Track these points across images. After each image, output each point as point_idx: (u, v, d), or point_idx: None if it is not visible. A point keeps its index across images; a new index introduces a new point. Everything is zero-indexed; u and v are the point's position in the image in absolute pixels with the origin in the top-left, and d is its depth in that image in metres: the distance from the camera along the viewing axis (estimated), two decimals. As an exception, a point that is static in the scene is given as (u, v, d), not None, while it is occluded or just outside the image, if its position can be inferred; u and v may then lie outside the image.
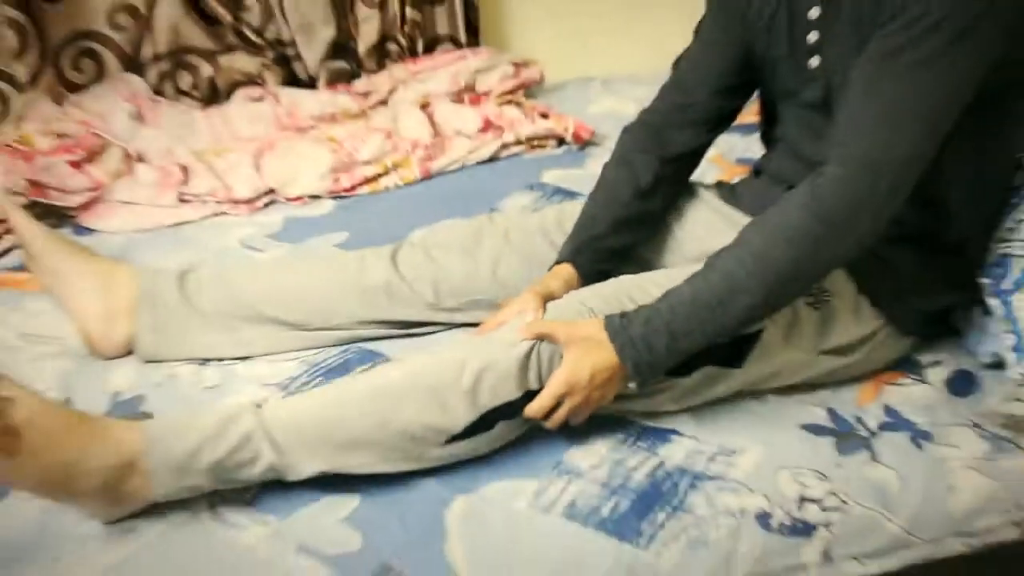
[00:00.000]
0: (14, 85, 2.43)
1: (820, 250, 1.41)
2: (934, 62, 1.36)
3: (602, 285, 1.58)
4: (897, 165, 1.40)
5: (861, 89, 1.42)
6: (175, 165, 2.21)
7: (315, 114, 2.40)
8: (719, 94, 1.74)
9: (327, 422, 1.40)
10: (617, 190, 1.74)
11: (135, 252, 2.03)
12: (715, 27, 1.73)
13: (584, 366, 1.42)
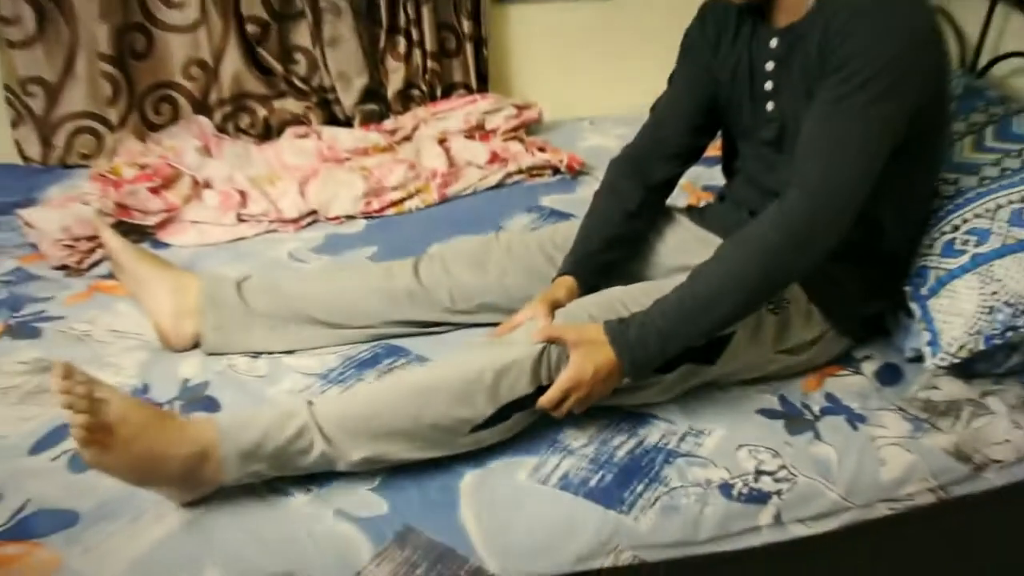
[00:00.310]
0: (107, 126, 2.44)
1: (787, 262, 1.43)
2: (871, 106, 1.39)
3: (599, 295, 1.57)
4: (846, 187, 1.41)
5: (815, 127, 1.44)
6: (235, 190, 2.20)
7: (350, 148, 2.39)
8: (690, 132, 1.74)
9: (368, 416, 1.39)
10: (609, 213, 1.73)
11: (201, 262, 2.02)
12: (686, 77, 1.73)
13: (588, 364, 1.42)
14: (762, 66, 1.58)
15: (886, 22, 1.38)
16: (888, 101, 1.39)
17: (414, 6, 2.50)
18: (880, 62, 1.37)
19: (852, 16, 1.40)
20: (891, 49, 1.38)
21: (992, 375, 1.65)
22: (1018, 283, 1.54)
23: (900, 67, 1.39)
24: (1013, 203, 1.63)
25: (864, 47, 1.38)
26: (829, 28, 1.43)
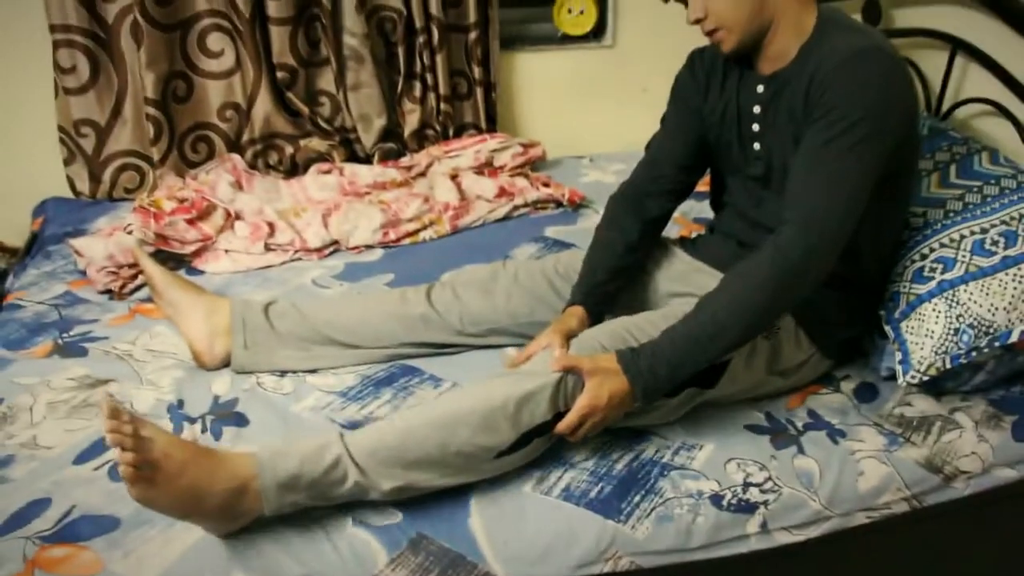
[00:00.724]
0: (150, 163, 2.44)
1: (785, 292, 1.42)
2: (856, 149, 1.40)
3: (608, 325, 1.54)
4: (836, 221, 1.41)
5: (806, 168, 1.44)
6: (264, 222, 2.19)
7: (370, 183, 2.38)
8: (682, 171, 1.73)
9: (399, 447, 1.34)
10: (612, 246, 1.70)
11: (233, 288, 2.00)
12: (677, 119, 1.72)
13: (603, 391, 1.39)
14: (750, 109, 1.58)
15: (865, 72, 1.40)
16: (870, 143, 1.40)
17: (429, 54, 2.49)
18: (862, 108, 1.39)
19: (834, 68, 1.41)
20: (871, 96, 1.40)
21: (960, 392, 1.64)
22: (981, 307, 1.54)
23: (879, 112, 1.40)
24: (975, 234, 1.63)
25: (846, 95, 1.40)
26: (814, 78, 1.44)
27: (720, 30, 1.48)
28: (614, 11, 2.72)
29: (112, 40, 2.30)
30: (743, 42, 1.49)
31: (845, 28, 1.48)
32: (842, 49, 1.42)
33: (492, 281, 1.75)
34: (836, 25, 1.48)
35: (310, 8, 2.40)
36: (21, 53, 2.32)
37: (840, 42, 1.44)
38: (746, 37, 1.49)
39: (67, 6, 2.20)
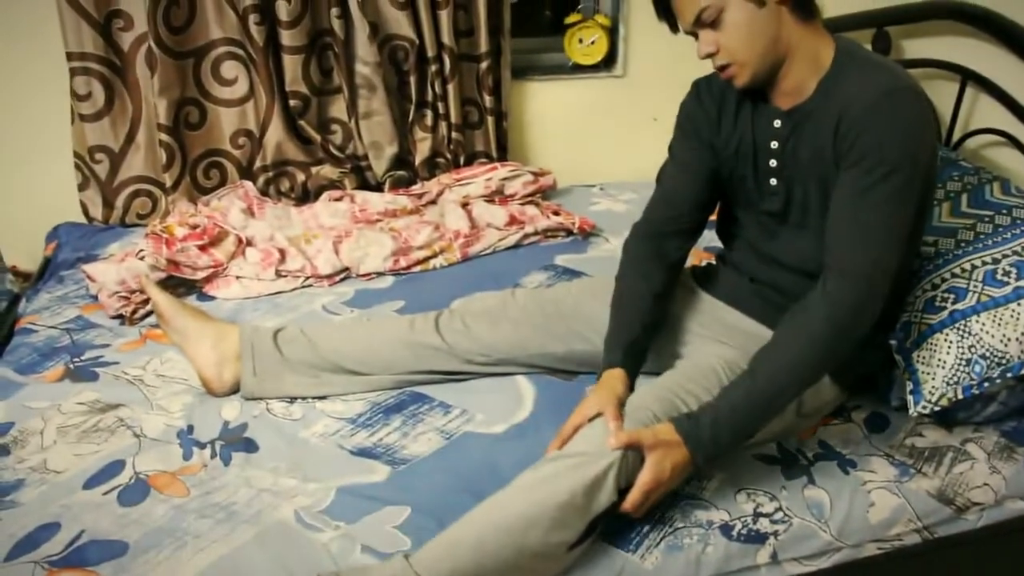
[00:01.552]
0: (162, 189, 2.46)
1: (839, 346, 1.41)
2: (894, 197, 1.38)
3: (653, 389, 1.48)
4: (882, 272, 1.40)
5: (845, 218, 1.42)
6: (275, 248, 2.20)
7: (381, 210, 2.39)
8: (699, 207, 1.67)
9: (475, 565, 1.27)
10: (642, 299, 1.63)
11: (243, 314, 2.01)
12: (688, 153, 1.66)
13: (667, 465, 1.36)
14: (767, 144, 1.54)
15: (901, 116, 1.37)
16: (909, 188, 1.39)
17: (441, 83, 2.51)
18: (898, 155, 1.36)
19: (867, 110, 1.37)
20: (906, 143, 1.37)
21: (971, 423, 1.64)
22: (993, 338, 1.53)
23: (915, 157, 1.38)
24: (987, 264, 1.62)
25: (884, 141, 1.36)
26: (843, 118, 1.40)
27: (732, 65, 1.44)
28: (625, 41, 2.74)
29: (127, 67, 2.34)
30: (757, 77, 1.45)
31: (866, 62, 1.44)
32: (871, 89, 1.38)
33: (501, 310, 1.75)
34: (855, 59, 1.44)
35: (323, 37, 2.43)
36: (38, 80, 2.36)
37: (867, 80, 1.40)
38: (760, 72, 1.45)
39: (84, 34, 2.24)
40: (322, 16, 2.39)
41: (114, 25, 2.28)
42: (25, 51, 2.33)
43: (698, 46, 1.44)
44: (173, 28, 2.29)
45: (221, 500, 1.43)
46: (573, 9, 2.74)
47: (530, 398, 1.69)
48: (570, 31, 2.72)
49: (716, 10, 1.38)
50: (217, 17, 2.34)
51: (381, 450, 1.56)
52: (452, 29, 2.45)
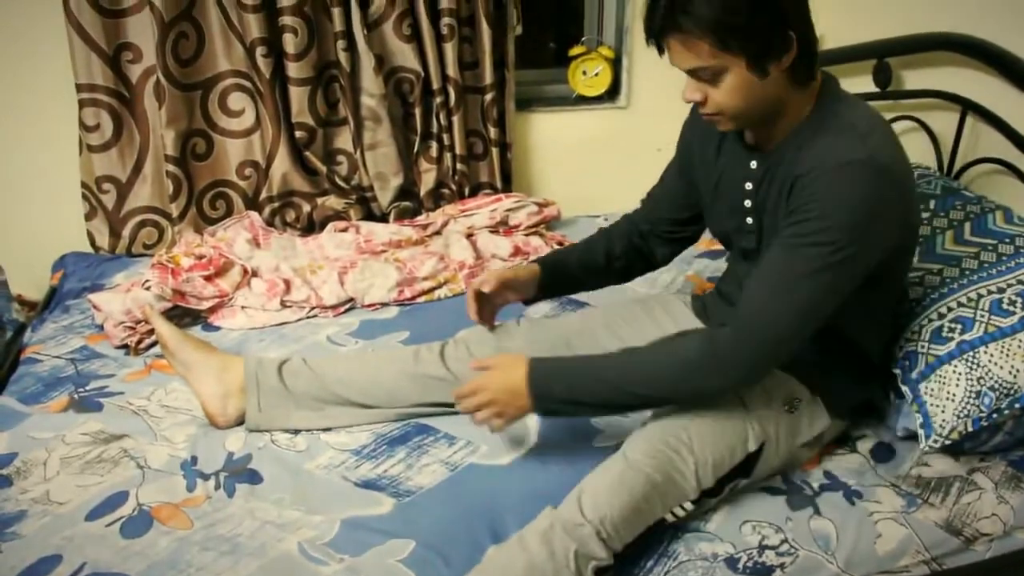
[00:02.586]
0: (169, 220, 2.47)
1: (698, 382, 1.42)
2: (820, 273, 1.35)
3: (643, 444, 1.46)
4: (778, 333, 1.38)
5: (765, 270, 1.41)
6: (280, 279, 2.21)
7: (386, 241, 2.40)
8: (676, 224, 1.77)
9: None
10: (593, 238, 1.82)
11: (248, 344, 2.01)
12: (673, 175, 1.76)
13: (494, 377, 1.48)
14: (742, 183, 1.53)
15: (849, 189, 1.33)
16: (841, 264, 1.34)
17: (446, 115, 2.53)
18: (836, 231, 1.32)
19: (816, 179, 1.35)
20: (848, 219, 1.32)
21: (978, 453, 1.62)
22: (1001, 369, 1.52)
23: (855, 238, 1.33)
24: (992, 293, 1.62)
25: (824, 211, 1.33)
26: (798, 178, 1.38)
27: (718, 115, 1.41)
28: (628, 73, 2.76)
29: (135, 99, 2.35)
30: (739, 127, 1.45)
31: (838, 126, 1.39)
32: (828, 157, 1.35)
33: (506, 340, 1.75)
34: (832, 116, 1.40)
35: (329, 69, 2.45)
36: (47, 110, 2.37)
37: (828, 146, 1.36)
38: (744, 125, 1.45)
39: (93, 66, 2.26)
40: (328, 49, 2.41)
41: (123, 57, 2.30)
42: (34, 82, 2.35)
43: (685, 89, 1.40)
44: (181, 60, 2.31)
45: (225, 532, 1.42)
46: (577, 41, 2.76)
47: (535, 429, 1.68)
48: (574, 63, 2.74)
49: (713, 72, 1.34)
50: (225, 50, 2.36)
51: (386, 482, 1.55)
52: (457, 61, 2.46)
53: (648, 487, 1.38)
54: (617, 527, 1.34)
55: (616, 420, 1.69)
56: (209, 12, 2.32)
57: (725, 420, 1.48)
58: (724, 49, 1.30)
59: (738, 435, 1.47)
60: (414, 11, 2.40)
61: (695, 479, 1.42)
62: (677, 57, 1.35)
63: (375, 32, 2.40)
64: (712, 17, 1.28)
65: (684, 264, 2.27)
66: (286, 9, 2.29)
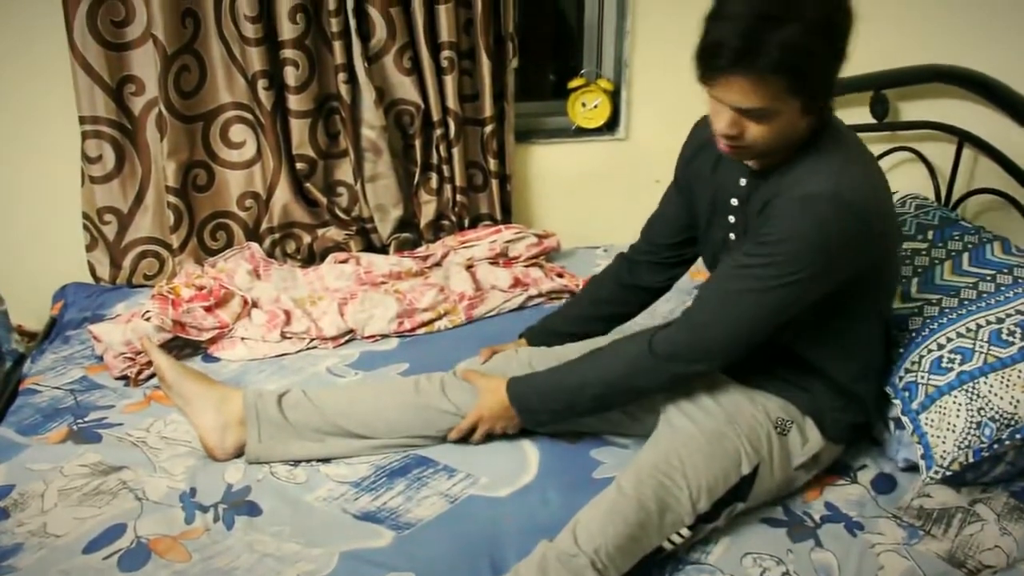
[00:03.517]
0: (169, 250, 2.48)
1: (641, 378, 1.54)
2: (765, 293, 1.41)
3: (638, 473, 1.47)
4: (714, 343, 1.48)
5: (716, 279, 1.50)
6: (280, 310, 2.20)
7: (386, 272, 2.40)
8: (675, 246, 1.80)
9: None
10: (580, 296, 1.96)
11: (248, 376, 2.01)
12: (671, 196, 1.79)
13: (485, 404, 1.64)
14: (729, 199, 1.57)
15: (808, 221, 1.36)
16: (788, 289, 1.39)
17: (446, 147, 2.54)
18: (786, 258, 1.38)
19: (785, 202, 1.39)
20: (799, 249, 1.37)
21: (980, 483, 1.61)
22: (1002, 400, 1.52)
23: (803, 267, 1.38)
24: (991, 323, 1.62)
25: (780, 237, 1.38)
26: (770, 201, 1.42)
27: (746, 148, 1.40)
28: (627, 105, 2.77)
29: (137, 131, 2.37)
30: (762, 160, 1.45)
31: (821, 156, 1.41)
32: (798, 186, 1.38)
33: (505, 369, 1.74)
34: (818, 147, 1.42)
35: (330, 102, 2.47)
36: (49, 142, 2.39)
37: (803, 176, 1.39)
38: (767, 157, 1.44)
39: (96, 98, 2.28)
40: (329, 81, 2.43)
41: (126, 90, 2.32)
42: (36, 113, 2.37)
43: (719, 119, 1.38)
44: (183, 93, 2.32)
45: (223, 565, 1.41)
46: (576, 74, 2.78)
47: (535, 461, 1.67)
48: (573, 95, 2.76)
49: (766, 112, 1.33)
50: (227, 82, 2.38)
51: (385, 514, 1.54)
52: (457, 94, 2.48)
53: (642, 514, 1.38)
54: (612, 557, 1.33)
55: (616, 451, 1.69)
56: (211, 45, 2.34)
57: (716, 443, 1.48)
58: (793, 93, 1.30)
59: (730, 458, 1.48)
60: (414, 44, 2.42)
61: (690, 504, 1.42)
62: (736, 95, 1.32)
63: (376, 65, 2.42)
64: (792, 62, 1.26)
65: (684, 294, 2.27)
66: (287, 42, 2.32)
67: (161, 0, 2.18)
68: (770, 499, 1.56)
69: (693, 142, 1.69)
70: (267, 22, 2.30)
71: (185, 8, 2.26)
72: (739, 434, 1.51)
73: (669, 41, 2.68)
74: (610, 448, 1.71)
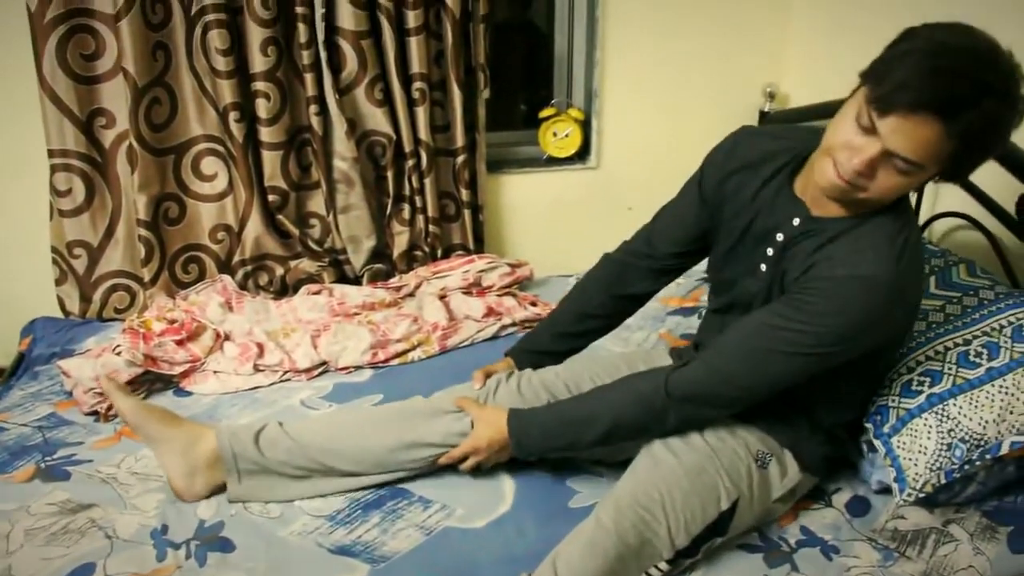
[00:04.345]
0: (141, 284, 2.46)
1: (654, 419, 1.50)
2: (795, 356, 1.40)
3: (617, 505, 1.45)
4: (725, 392, 1.47)
5: (747, 329, 1.46)
6: (253, 343, 2.19)
7: (359, 304, 2.39)
8: (676, 255, 1.73)
9: None
10: (565, 309, 1.87)
11: (221, 409, 1.98)
12: (689, 203, 1.67)
13: (483, 436, 1.60)
14: (774, 233, 1.50)
15: (859, 302, 1.34)
16: (818, 358, 1.39)
17: (418, 178, 2.54)
18: (826, 332, 1.36)
19: (843, 272, 1.36)
20: (843, 328, 1.36)
21: (953, 504, 1.62)
22: (971, 420, 1.53)
23: (839, 342, 1.37)
24: (959, 345, 1.63)
25: (826, 310, 1.36)
26: (820, 263, 1.39)
27: (861, 191, 1.33)
28: (598, 134, 2.80)
29: (108, 164, 2.35)
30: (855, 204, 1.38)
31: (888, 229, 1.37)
32: (853, 262, 1.35)
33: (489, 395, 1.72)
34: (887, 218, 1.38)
35: (301, 134, 2.46)
36: (16, 175, 2.37)
37: (861, 250, 1.36)
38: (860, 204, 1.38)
39: (66, 131, 2.26)
40: (301, 113, 2.43)
41: (96, 123, 2.31)
42: (4, 146, 2.35)
43: (858, 154, 1.29)
44: (154, 125, 2.31)
45: (195, 603, 1.39)
46: (547, 103, 2.80)
47: (510, 491, 1.66)
48: (544, 124, 2.77)
49: (911, 168, 1.27)
50: (198, 115, 2.37)
51: (360, 548, 1.52)
52: (429, 125, 2.49)
53: (622, 548, 1.37)
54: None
55: (593, 480, 1.68)
56: (183, 78, 2.33)
57: (696, 478, 1.47)
58: (951, 161, 1.27)
59: (710, 493, 1.47)
60: (385, 76, 2.43)
61: (668, 539, 1.41)
62: (902, 138, 1.24)
63: (347, 97, 2.43)
64: (982, 132, 1.23)
65: (657, 322, 2.27)
66: (259, 75, 2.32)
67: (132, 33, 2.18)
68: (748, 530, 1.56)
69: (735, 160, 1.57)
70: (238, 55, 2.30)
71: (156, 41, 2.26)
72: (719, 469, 1.49)
73: (639, 71, 2.74)
74: (586, 476, 1.70)
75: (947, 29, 1.25)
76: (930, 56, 1.21)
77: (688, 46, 2.75)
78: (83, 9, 2.20)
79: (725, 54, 2.79)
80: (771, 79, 2.79)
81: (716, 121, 2.78)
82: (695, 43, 2.75)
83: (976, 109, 1.19)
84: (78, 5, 2.19)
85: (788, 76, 2.83)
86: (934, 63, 1.19)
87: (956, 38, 1.23)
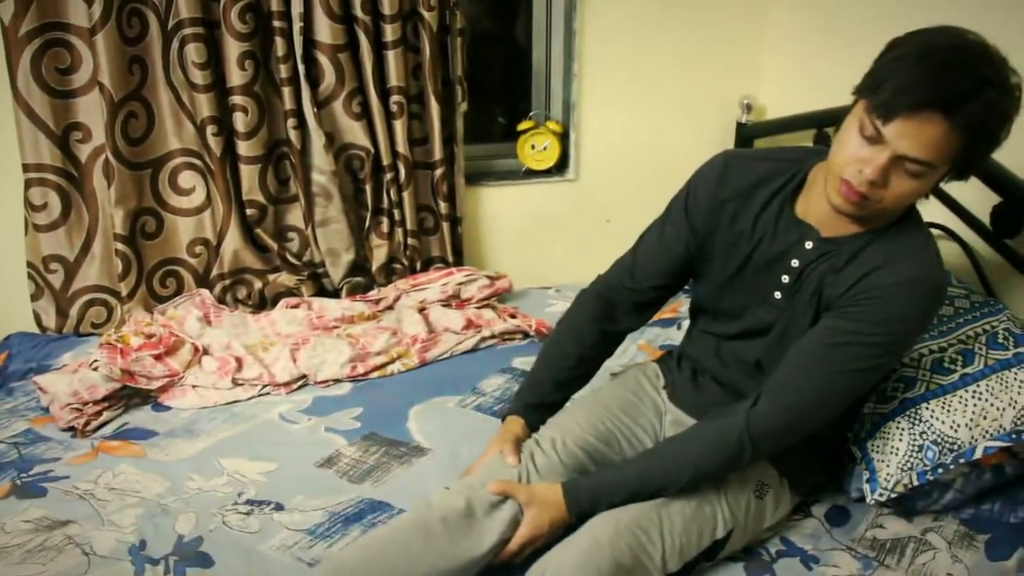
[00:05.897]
0: (118, 298, 2.44)
1: (740, 462, 1.45)
2: (865, 370, 1.41)
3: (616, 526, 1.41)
4: (813, 419, 1.44)
5: (807, 356, 1.43)
6: (232, 357, 2.18)
7: (338, 317, 2.39)
8: (660, 287, 1.66)
9: None
10: (565, 359, 1.70)
11: (199, 423, 1.97)
12: (676, 231, 1.60)
13: (544, 521, 1.44)
14: (787, 260, 1.48)
15: (918, 305, 1.37)
16: (882, 363, 1.42)
17: (396, 190, 2.55)
18: (889, 340, 1.38)
19: (890, 286, 1.36)
20: (903, 334, 1.39)
21: (931, 512, 1.64)
22: (943, 424, 1.55)
23: (897, 349, 1.43)
24: (934, 352, 1.66)
25: (889, 318, 1.36)
26: (866, 278, 1.38)
27: (872, 201, 1.32)
28: (576, 147, 2.81)
29: (84, 178, 2.34)
30: (868, 219, 1.39)
31: (918, 236, 1.41)
32: (906, 268, 1.36)
33: (534, 466, 1.56)
34: (913, 225, 1.41)
35: (280, 147, 2.46)
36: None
37: (906, 256, 1.37)
38: (872, 218, 1.39)
39: (41, 146, 2.25)
40: (279, 127, 2.43)
41: (72, 137, 2.30)
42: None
43: (869, 163, 1.28)
44: (131, 140, 2.31)
45: (173, 619, 1.38)
46: (525, 116, 2.81)
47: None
48: (523, 137, 2.79)
49: (922, 169, 1.27)
50: (175, 128, 2.37)
51: None
52: (407, 138, 2.50)
53: (615, 567, 1.35)
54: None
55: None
56: (159, 92, 2.33)
57: (697, 505, 1.47)
58: (960, 156, 1.27)
59: (708, 521, 1.47)
60: (363, 89, 2.43)
61: (661, 563, 1.40)
62: (910, 141, 1.25)
63: (325, 110, 2.43)
64: (988, 122, 1.24)
65: (636, 333, 2.28)
66: (236, 88, 2.32)
67: (108, 47, 2.17)
68: (738, 551, 1.56)
69: (728, 188, 1.53)
70: (215, 68, 2.30)
71: (132, 55, 2.25)
72: (722, 498, 1.49)
73: (616, 84, 2.76)
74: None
75: (932, 31, 1.28)
76: (923, 57, 1.22)
77: (665, 59, 2.77)
78: (58, 23, 2.20)
79: (702, 67, 2.81)
80: (748, 91, 2.82)
81: (694, 133, 2.83)
82: (672, 56, 2.78)
83: (977, 100, 1.21)
84: (53, 19, 2.19)
85: (765, 88, 2.86)
86: (929, 62, 1.21)
87: (943, 38, 1.25)
